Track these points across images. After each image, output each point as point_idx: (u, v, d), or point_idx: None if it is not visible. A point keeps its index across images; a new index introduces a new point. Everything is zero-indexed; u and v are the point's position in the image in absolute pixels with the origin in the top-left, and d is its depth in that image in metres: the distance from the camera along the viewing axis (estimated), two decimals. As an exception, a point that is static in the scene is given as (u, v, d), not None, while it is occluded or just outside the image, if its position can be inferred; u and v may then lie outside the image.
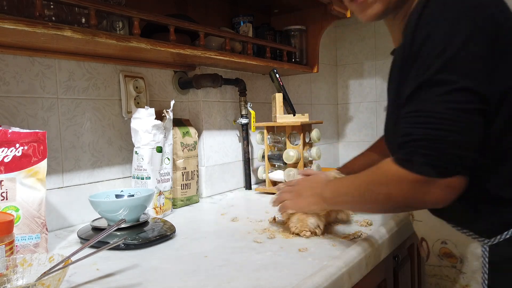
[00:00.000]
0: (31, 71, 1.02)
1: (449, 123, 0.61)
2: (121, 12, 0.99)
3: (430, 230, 0.81)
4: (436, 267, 0.82)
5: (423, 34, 0.66)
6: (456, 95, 0.62)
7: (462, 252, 0.75)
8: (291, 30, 1.72)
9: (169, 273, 0.74)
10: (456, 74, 0.62)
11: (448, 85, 0.62)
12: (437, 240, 0.79)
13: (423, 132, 0.63)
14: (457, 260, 0.77)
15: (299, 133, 1.42)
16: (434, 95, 0.63)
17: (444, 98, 0.62)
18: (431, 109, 0.63)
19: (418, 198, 0.65)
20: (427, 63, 0.64)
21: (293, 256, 0.80)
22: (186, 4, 1.48)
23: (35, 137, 0.84)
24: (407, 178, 0.64)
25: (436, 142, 0.61)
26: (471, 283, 0.75)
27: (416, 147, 0.63)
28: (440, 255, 0.80)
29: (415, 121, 0.64)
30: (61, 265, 0.66)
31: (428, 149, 0.62)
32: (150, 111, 1.14)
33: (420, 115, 0.64)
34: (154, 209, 1.15)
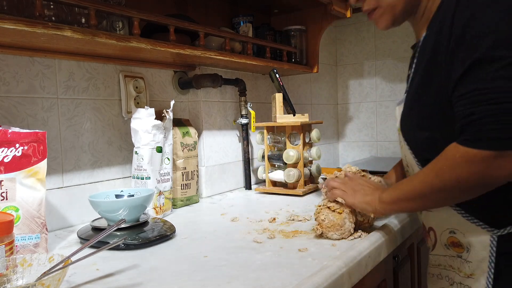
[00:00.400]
0: (31, 71, 1.02)
1: (510, 95, 0.61)
2: (121, 12, 0.99)
3: (439, 220, 0.82)
4: (441, 256, 0.83)
5: (465, 16, 0.66)
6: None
7: (470, 241, 0.77)
8: (291, 30, 1.72)
9: (169, 273, 0.74)
10: (510, 49, 0.62)
11: (503, 60, 0.62)
12: (446, 230, 0.80)
13: (486, 109, 0.63)
14: (463, 250, 0.78)
15: (299, 133, 1.42)
16: (490, 71, 0.63)
17: (501, 73, 0.62)
18: (490, 85, 0.63)
19: (491, 174, 0.65)
20: (475, 42, 0.65)
21: (293, 256, 0.80)
22: (186, 4, 1.48)
23: (35, 137, 0.84)
24: (477, 156, 0.64)
25: (501, 115, 0.61)
26: (476, 272, 0.76)
27: (482, 124, 0.63)
28: (447, 245, 0.81)
29: (474, 100, 0.64)
30: (61, 265, 0.66)
31: (495, 124, 0.62)
32: (150, 111, 1.14)
33: (479, 94, 0.64)
34: (154, 209, 1.15)
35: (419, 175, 0.76)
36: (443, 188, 0.71)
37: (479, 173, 0.65)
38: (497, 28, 0.64)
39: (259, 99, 1.74)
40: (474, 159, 0.65)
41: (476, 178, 0.66)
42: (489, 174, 0.65)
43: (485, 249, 0.74)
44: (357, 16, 2.33)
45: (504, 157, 0.63)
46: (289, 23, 1.75)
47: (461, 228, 0.78)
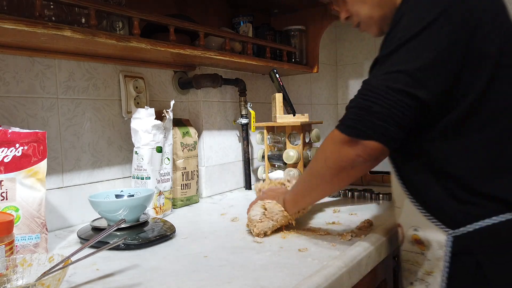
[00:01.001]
0: (31, 71, 1.02)
1: (377, 96, 0.69)
2: (121, 12, 0.99)
3: (405, 216, 0.84)
4: (408, 252, 0.86)
5: (398, 16, 0.73)
6: (393, 75, 0.69)
7: (429, 240, 0.79)
8: (291, 30, 1.72)
9: (169, 273, 0.74)
10: (403, 58, 0.69)
11: (393, 66, 0.69)
12: (411, 227, 0.83)
13: (357, 101, 0.72)
14: (425, 247, 0.81)
15: (299, 133, 1.42)
16: (379, 72, 0.71)
17: (384, 76, 0.70)
18: (370, 83, 0.71)
19: (344, 153, 0.74)
20: (390, 42, 0.72)
21: (293, 256, 0.80)
22: (186, 4, 1.48)
23: (35, 137, 0.84)
24: (338, 137, 0.75)
25: (362, 110, 0.70)
26: (435, 270, 0.79)
27: (350, 112, 0.73)
28: (412, 241, 0.84)
29: (359, 91, 0.73)
30: (61, 265, 0.66)
31: (356, 115, 0.71)
32: (150, 111, 1.14)
33: (363, 86, 0.73)
34: (154, 209, 1.15)
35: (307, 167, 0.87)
36: (316, 170, 0.82)
37: (337, 151, 0.75)
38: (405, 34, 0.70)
39: (259, 99, 1.74)
40: (336, 139, 0.75)
41: (335, 156, 0.76)
42: (343, 153, 0.74)
43: (441, 248, 0.77)
44: (357, 16, 2.33)
45: (354, 143, 0.72)
46: (289, 23, 1.75)
47: (422, 226, 0.80)
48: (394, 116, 0.68)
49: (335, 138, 0.75)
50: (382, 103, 0.69)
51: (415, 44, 0.69)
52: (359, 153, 0.72)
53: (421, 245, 0.81)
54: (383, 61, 0.71)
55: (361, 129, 0.71)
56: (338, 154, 0.75)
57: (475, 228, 0.73)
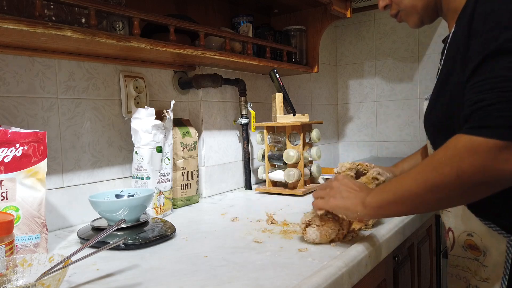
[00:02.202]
0: (31, 71, 1.02)
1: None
2: (121, 12, 0.99)
3: (458, 221, 0.81)
4: (459, 257, 0.83)
5: (485, 10, 0.64)
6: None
7: (487, 246, 0.76)
8: (291, 30, 1.72)
9: (169, 273, 0.74)
10: None
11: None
12: (464, 232, 0.80)
13: (498, 95, 0.58)
14: (480, 253, 0.78)
15: (299, 133, 1.42)
16: (505, 62, 0.60)
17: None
18: (503, 74, 0.59)
19: (496, 168, 0.57)
20: (493, 34, 0.62)
21: (293, 256, 0.80)
22: (186, 4, 1.48)
23: (35, 137, 0.84)
24: (483, 145, 0.57)
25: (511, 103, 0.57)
26: (491, 276, 0.76)
27: (490, 111, 0.58)
28: (465, 246, 0.81)
29: (485, 87, 0.60)
30: (61, 265, 0.66)
31: (506, 111, 0.57)
32: (150, 111, 1.14)
33: (490, 82, 0.60)
34: (154, 209, 1.15)
35: (411, 173, 0.68)
36: (440, 184, 0.62)
37: (483, 165, 0.58)
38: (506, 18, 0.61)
39: (259, 99, 1.74)
40: (478, 148, 0.58)
41: (479, 172, 0.58)
42: (494, 168, 0.58)
43: (501, 255, 0.73)
44: (357, 16, 2.33)
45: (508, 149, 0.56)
46: (289, 23, 1.75)
47: (478, 232, 0.77)
48: None
49: (477, 146, 0.58)
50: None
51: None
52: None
53: (475, 250, 0.78)
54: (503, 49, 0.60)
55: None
56: (485, 168, 0.58)
57: None
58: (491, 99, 0.58)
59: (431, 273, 1.37)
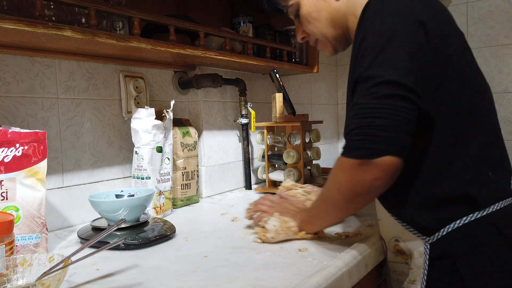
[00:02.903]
0: (31, 71, 1.02)
1: (375, 110, 0.67)
2: (121, 12, 0.99)
3: (386, 228, 0.85)
4: (394, 263, 0.86)
5: (359, 38, 0.74)
6: (381, 87, 0.68)
7: (410, 249, 0.80)
8: (291, 30, 1.72)
9: (169, 273, 0.74)
10: (382, 69, 0.69)
11: (374, 79, 0.69)
12: (392, 238, 0.83)
13: (355, 122, 0.69)
14: (407, 257, 0.81)
15: (299, 133, 1.42)
16: (364, 88, 0.70)
17: (371, 90, 0.69)
18: (362, 101, 0.69)
19: (360, 179, 0.70)
20: (361, 61, 0.72)
21: (293, 256, 0.80)
22: (186, 4, 1.48)
23: (35, 137, 0.84)
24: (348, 163, 0.71)
25: (365, 128, 0.68)
26: (417, 278, 0.79)
27: (352, 135, 0.70)
28: (395, 252, 0.84)
29: (351, 114, 0.71)
30: (61, 265, 0.66)
31: (360, 135, 0.68)
32: (150, 111, 1.15)
33: (354, 108, 0.71)
34: (154, 209, 1.15)
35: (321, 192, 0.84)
36: (332, 199, 0.79)
37: (350, 178, 0.71)
38: (373, 49, 0.70)
39: (259, 99, 1.74)
40: (346, 166, 0.71)
41: (350, 183, 0.72)
42: (358, 179, 0.70)
43: (421, 256, 0.77)
44: (357, 16, 2.33)
45: (367, 165, 0.68)
46: (289, 23, 1.75)
47: (403, 236, 0.80)
48: (399, 123, 0.67)
49: (345, 165, 0.71)
50: (383, 115, 0.67)
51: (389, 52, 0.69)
52: (375, 175, 0.69)
53: (403, 255, 0.82)
54: (364, 78, 0.70)
55: (371, 147, 0.67)
56: (352, 182, 0.71)
57: (448, 231, 0.73)
58: (352, 125, 0.70)
59: (431, 273, 1.37)
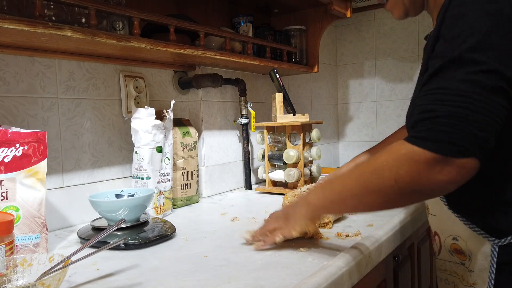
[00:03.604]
0: (31, 71, 1.02)
1: (474, 102, 0.59)
2: (121, 12, 0.99)
3: (443, 225, 0.80)
4: (446, 262, 0.82)
5: (455, 14, 0.65)
6: (485, 76, 0.60)
7: (472, 250, 0.75)
8: (291, 30, 1.72)
9: (169, 273, 0.74)
10: (487, 55, 0.61)
11: (478, 65, 0.60)
12: (449, 236, 0.79)
13: (448, 110, 0.60)
14: (466, 258, 0.77)
15: (299, 133, 1.42)
16: (462, 73, 0.61)
17: (472, 77, 0.60)
18: (458, 87, 0.60)
19: (430, 178, 0.61)
20: (457, 40, 0.63)
21: (293, 256, 0.80)
22: (186, 4, 1.48)
23: (35, 137, 0.84)
24: (421, 156, 0.60)
25: (459, 119, 0.59)
26: (478, 281, 0.75)
27: (438, 124, 0.60)
28: (451, 251, 0.80)
29: (439, 98, 0.61)
30: (61, 265, 0.66)
31: (451, 127, 0.59)
32: (150, 111, 1.14)
33: (445, 93, 0.61)
34: (154, 209, 1.15)
35: (354, 173, 0.70)
36: (379, 188, 0.66)
37: (418, 174, 0.61)
38: (481, 31, 0.62)
39: (259, 99, 1.74)
40: (416, 158, 0.61)
41: (414, 179, 0.62)
42: (427, 177, 0.61)
43: (486, 259, 0.73)
44: (357, 16, 2.33)
45: (447, 163, 0.60)
46: (289, 23, 1.75)
47: (463, 236, 0.76)
48: (495, 123, 0.60)
49: (416, 156, 0.61)
50: (482, 110, 0.59)
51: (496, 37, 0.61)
52: (452, 177, 0.60)
53: (461, 255, 0.78)
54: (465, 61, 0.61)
55: (460, 144, 0.59)
56: (419, 178, 0.61)
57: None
58: (440, 112, 0.60)
59: (431, 273, 1.37)
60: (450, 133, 0.59)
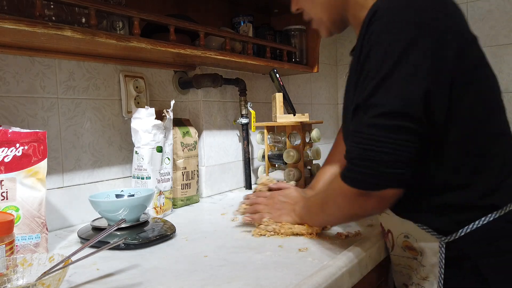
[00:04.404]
0: (31, 71, 1.02)
1: (377, 144, 0.67)
2: (121, 12, 0.99)
3: (395, 224, 0.84)
4: (400, 257, 0.86)
5: (365, 51, 0.71)
6: (384, 118, 0.66)
7: (422, 247, 0.79)
8: (291, 30, 1.72)
9: (169, 273, 0.74)
10: (385, 97, 0.67)
11: (377, 108, 0.67)
12: (401, 234, 0.83)
13: (358, 152, 0.69)
14: (417, 253, 0.81)
15: (299, 133, 1.42)
16: (367, 117, 0.68)
17: (374, 121, 0.67)
18: (364, 131, 0.68)
19: (360, 207, 0.74)
20: (364, 83, 0.70)
21: (293, 256, 0.80)
22: (186, 4, 1.48)
23: (35, 137, 0.84)
24: (349, 191, 0.72)
25: (367, 161, 0.68)
26: (430, 275, 0.79)
27: (353, 164, 0.70)
28: (403, 247, 0.83)
29: (354, 140, 0.70)
30: (61, 265, 0.66)
31: (362, 167, 0.69)
32: (150, 111, 1.15)
33: (357, 135, 0.70)
34: (154, 209, 1.15)
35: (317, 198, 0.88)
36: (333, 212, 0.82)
37: (351, 205, 0.75)
38: (378, 72, 0.67)
39: (259, 99, 1.74)
40: (346, 193, 0.73)
41: (350, 208, 0.76)
42: (359, 207, 0.74)
43: (435, 255, 0.77)
44: (357, 16, 2.33)
45: (368, 195, 0.71)
46: (289, 23, 1.75)
47: (414, 234, 0.80)
48: (402, 158, 0.66)
49: (345, 191, 0.73)
50: (385, 149, 0.66)
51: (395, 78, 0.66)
52: (375, 205, 0.72)
53: (413, 251, 0.81)
54: (366, 106, 0.69)
55: (373, 181, 0.68)
56: (352, 207, 0.75)
57: (467, 232, 0.73)
58: (354, 154, 0.70)
59: (431, 273, 1.37)
60: (363, 173, 0.69)
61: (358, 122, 0.71)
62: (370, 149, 0.67)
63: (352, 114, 0.73)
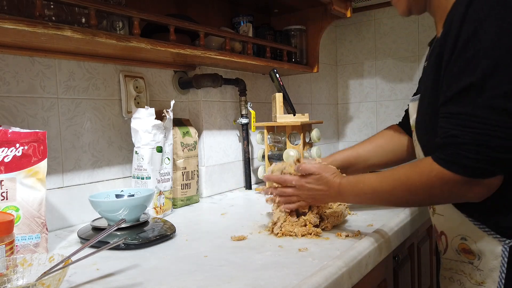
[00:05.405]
0: (31, 71, 1.02)
1: (495, 128, 0.63)
2: (121, 12, 0.99)
3: (451, 225, 0.81)
4: (452, 261, 0.83)
5: (469, 30, 0.66)
6: (503, 100, 0.63)
7: (481, 250, 0.76)
8: (291, 30, 1.72)
9: (169, 273, 0.74)
10: (503, 78, 0.63)
11: (496, 89, 0.63)
12: (457, 236, 0.80)
13: (470, 137, 0.65)
14: (475, 257, 0.78)
15: (299, 133, 1.42)
16: (480, 99, 0.64)
17: (492, 103, 0.64)
18: (479, 113, 0.65)
19: (461, 195, 0.70)
20: (474, 62, 0.65)
21: (293, 256, 0.80)
22: (186, 4, 1.48)
23: (35, 137, 0.84)
24: (452, 179, 0.68)
25: (482, 147, 0.64)
26: (487, 280, 0.76)
27: (463, 150, 0.66)
28: (458, 250, 0.81)
29: (461, 123, 0.66)
30: (61, 265, 0.66)
31: (474, 153, 0.65)
32: (150, 111, 1.15)
33: (466, 119, 0.66)
34: (154, 209, 1.15)
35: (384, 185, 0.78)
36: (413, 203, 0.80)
37: (452, 193, 0.70)
38: (495, 51, 0.64)
39: (259, 99, 1.74)
40: (448, 180, 0.68)
41: (448, 196, 0.72)
42: (458, 195, 0.70)
43: (496, 259, 0.74)
44: (357, 16, 2.33)
45: (475, 183, 0.67)
46: (289, 23, 1.75)
47: (472, 236, 0.77)
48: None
49: (448, 178, 0.68)
50: (502, 134, 0.63)
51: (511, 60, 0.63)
52: (480, 193, 0.68)
53: (469, 254, 0.79)
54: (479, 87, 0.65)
55: (486, 168, 0.65)
56: (451, 195, 0.71)
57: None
58: (464, 138, 0.65)
59: (431, 273, 1.37)
60: (476, 159, 0.65)
61: (467, 104, 0.66)
62: (485, 133, 0.64)
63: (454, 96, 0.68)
